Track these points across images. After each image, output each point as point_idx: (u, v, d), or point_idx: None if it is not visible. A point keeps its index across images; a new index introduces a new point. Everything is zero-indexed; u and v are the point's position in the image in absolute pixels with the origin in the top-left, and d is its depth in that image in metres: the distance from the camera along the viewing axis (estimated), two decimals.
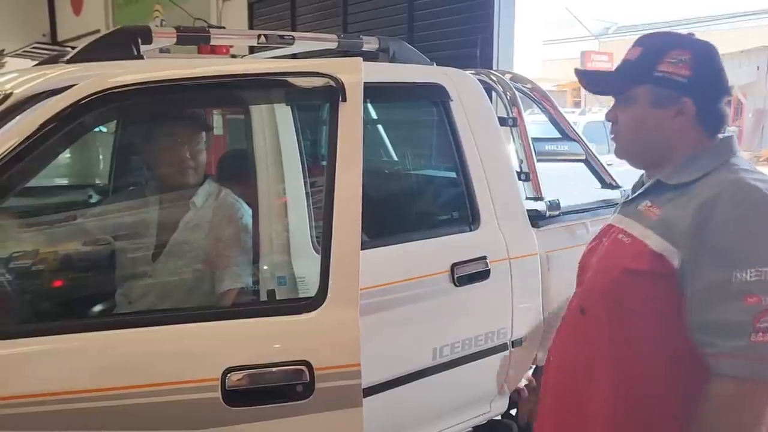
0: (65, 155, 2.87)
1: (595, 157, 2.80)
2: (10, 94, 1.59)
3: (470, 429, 2.52)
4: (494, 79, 2.59)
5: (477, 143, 2.32)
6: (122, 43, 1.83)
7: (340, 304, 1.47)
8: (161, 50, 2.25)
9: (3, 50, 10.71)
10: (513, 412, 2.59)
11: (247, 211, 2.04)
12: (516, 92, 2.54)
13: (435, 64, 2.45)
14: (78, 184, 3.38)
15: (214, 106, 2.61)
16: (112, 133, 2.65)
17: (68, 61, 1.79)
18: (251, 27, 8.21)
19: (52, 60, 2.09)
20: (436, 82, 2.30)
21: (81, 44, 1.87)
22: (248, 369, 1.40)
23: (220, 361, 1.39)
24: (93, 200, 2.93)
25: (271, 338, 1.46)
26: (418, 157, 2.79)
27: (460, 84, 2.35)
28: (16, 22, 11.35)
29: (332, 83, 1.54)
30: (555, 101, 2.74)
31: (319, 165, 2.09)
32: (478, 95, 2.39)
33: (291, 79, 1.60)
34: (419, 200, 2.61)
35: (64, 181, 3.39)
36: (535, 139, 2.54)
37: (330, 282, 1.47)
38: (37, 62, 2.22)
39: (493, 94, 2.59)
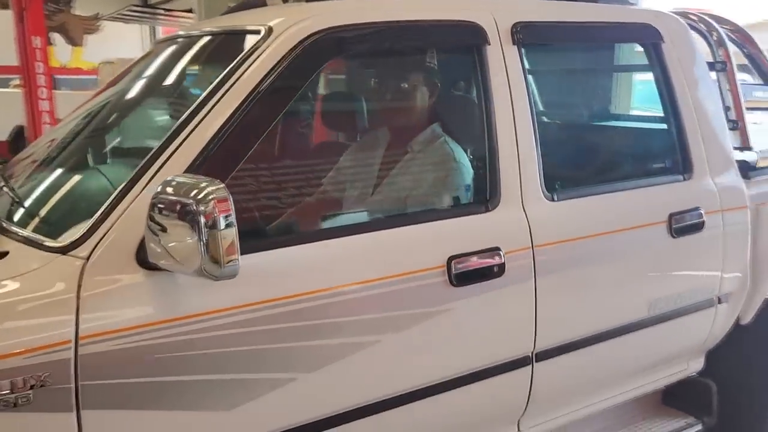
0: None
1: None
2: (271, 29, 1.58)
3: (662, 387, 2.44)
4: (695, 18, 2.43)
5: (689, 87, 2.19)
6: None
7: (509, 204, 1.80)
8: None
9: (98, 14, 10.94)
10: None
11: (459, 154, 1.99)
12: (722, 33, 2.38)
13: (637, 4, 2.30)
14: None
15: None
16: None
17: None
18: None
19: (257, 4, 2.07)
20: (648, 23, 2.17)
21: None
22: (465, 256, 1.68)
23: (446, 251, 1.67)
24: None
25: (472, 232, 1.75)
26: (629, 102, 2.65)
27: (670, 26, 2.21)
28: None
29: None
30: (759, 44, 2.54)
31: None
32: (688, 37, 2.25)
33: None
34: (630, 147, 2.50)
35: None
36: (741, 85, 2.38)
37: (500, 189, 1.80)
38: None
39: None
